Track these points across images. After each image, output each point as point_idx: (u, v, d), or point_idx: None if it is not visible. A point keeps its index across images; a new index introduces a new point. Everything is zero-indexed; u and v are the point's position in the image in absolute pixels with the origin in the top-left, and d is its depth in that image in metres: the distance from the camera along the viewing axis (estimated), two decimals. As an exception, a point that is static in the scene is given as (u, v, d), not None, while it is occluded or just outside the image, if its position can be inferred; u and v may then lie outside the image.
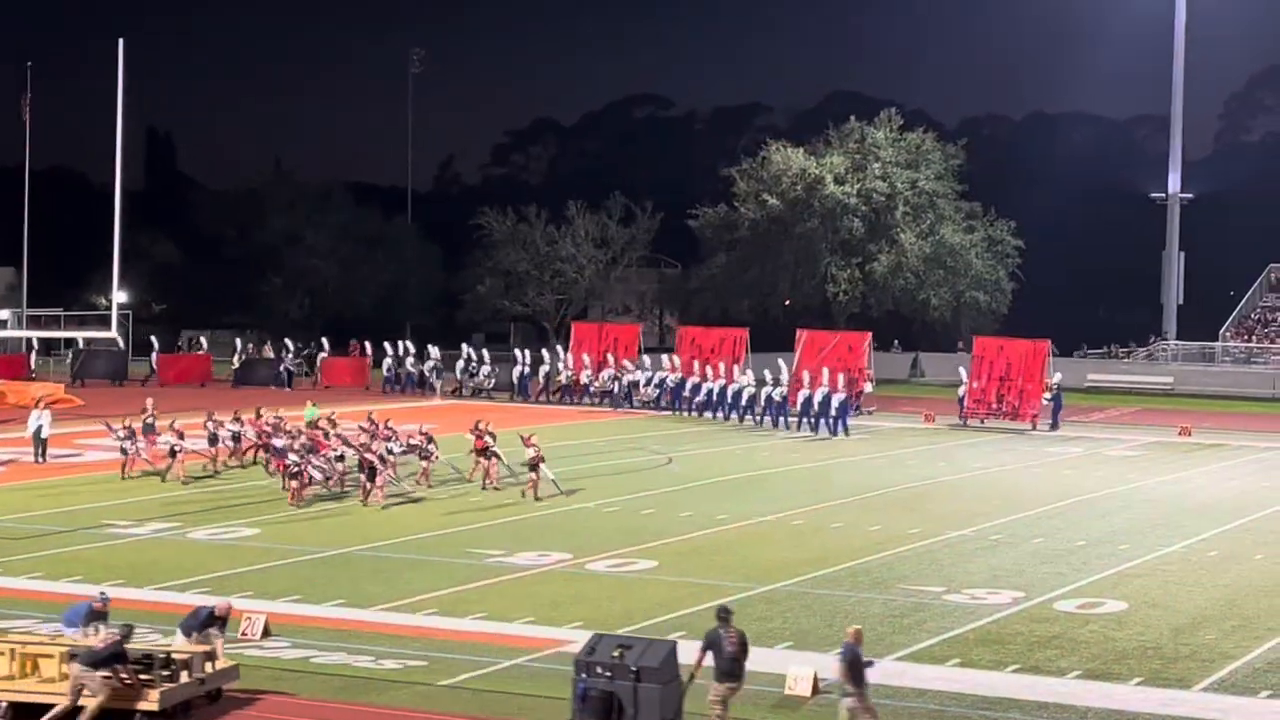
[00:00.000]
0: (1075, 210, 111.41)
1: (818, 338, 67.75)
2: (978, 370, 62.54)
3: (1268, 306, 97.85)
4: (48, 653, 21.03)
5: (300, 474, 38.04)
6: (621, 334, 72.05)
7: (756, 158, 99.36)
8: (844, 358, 65.12)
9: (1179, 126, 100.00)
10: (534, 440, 39.79)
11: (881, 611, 27.63)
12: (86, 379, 74.35)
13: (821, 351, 65.37)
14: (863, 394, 65.08)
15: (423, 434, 41.33)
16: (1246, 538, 36.41)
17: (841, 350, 65.92)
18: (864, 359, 66.38)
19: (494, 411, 55.03)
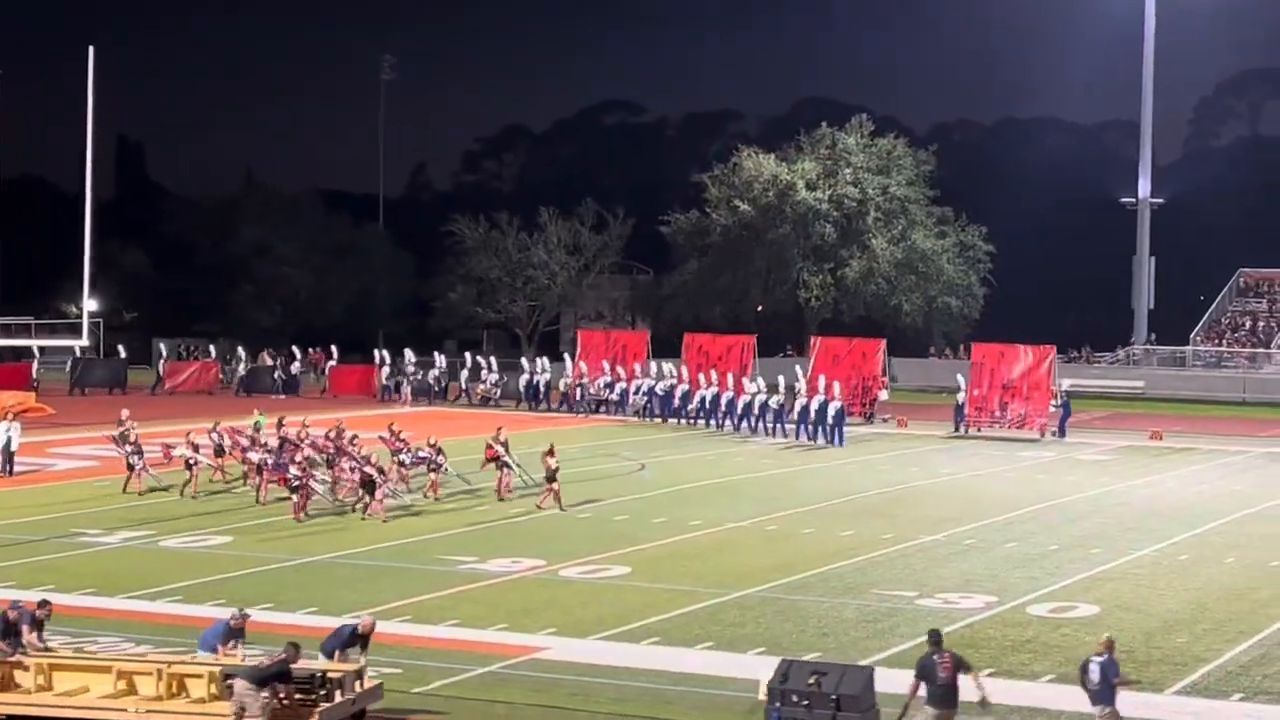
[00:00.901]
0: (1046, 215, 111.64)
1: (833, 344, 66.92)
2: (977, 378, 61.49)
3: (1237, 311, 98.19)
4: (196, 673, 20.51)
5: (301, 487, 37.08)
6: (630, 341, 71.06)
7: (728, 164, 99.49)
8: (858, 365, 64.67)
9: (1149, 132, 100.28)
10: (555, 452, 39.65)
11: (855, 617, 27.66)
12: (86, 387, 74.19)
13: (836, 359, 64.80)
14: (876, 401, 64.36)
15: (432, 445, 40.47)
16: (1217, 541, 36.53)
17: (856, 357, 65.23)
18: (878, 366, 65.69)
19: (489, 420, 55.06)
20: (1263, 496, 44.41)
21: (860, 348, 66.57)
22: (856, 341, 68.25)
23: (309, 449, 39.69)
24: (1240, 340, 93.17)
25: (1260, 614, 28.36)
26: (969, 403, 61.06)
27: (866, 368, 64.91)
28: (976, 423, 60.74)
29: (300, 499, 36.96)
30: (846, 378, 61.96)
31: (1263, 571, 32.60)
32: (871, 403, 63.88)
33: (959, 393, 61.60)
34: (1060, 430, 59.99)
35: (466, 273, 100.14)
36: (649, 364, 66.95)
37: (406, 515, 37.68)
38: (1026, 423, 60.07)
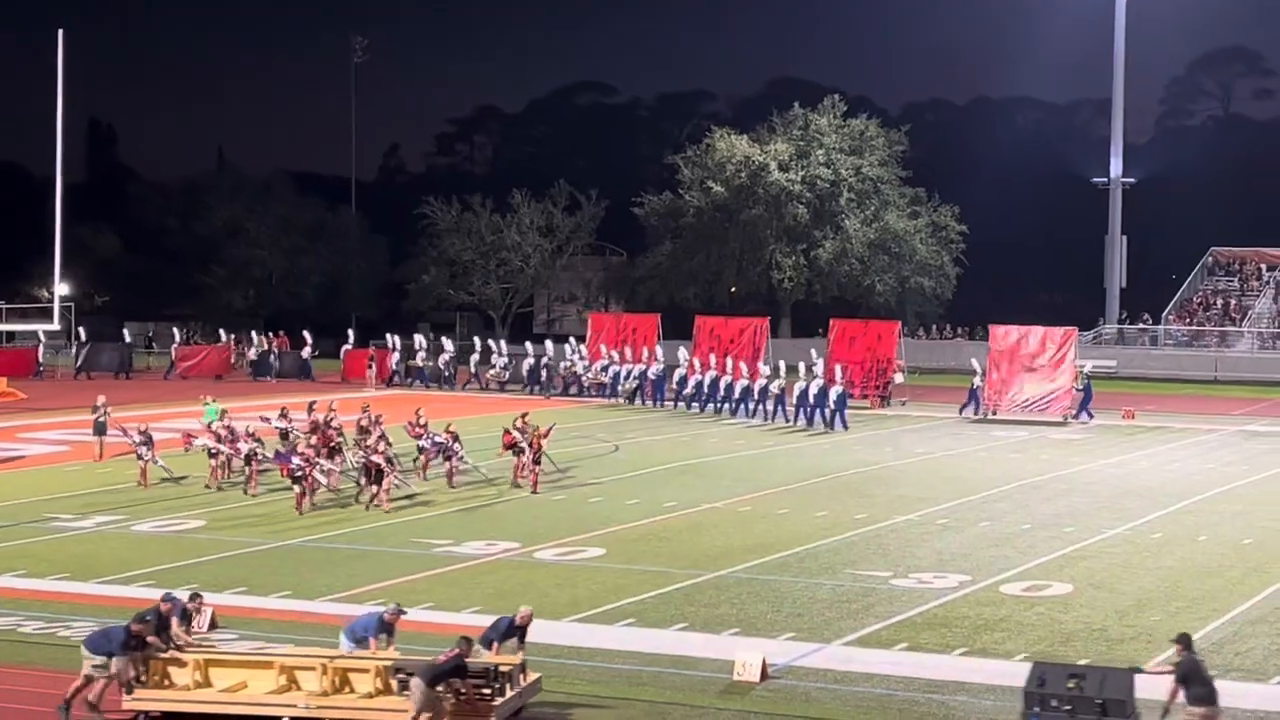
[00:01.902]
0: (1018, 195, 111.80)
1: (849, 327, 66.04)
2: (996, 361, 60.22)
3: (1209, 289, 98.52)
4: (361, 668, 20.16)
5: (303, 479, 35.60)
6: (640, 324, 69.78)
7: (701, 145, 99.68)
8: (873, 347, 63.84)
9: (1120, 111, 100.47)
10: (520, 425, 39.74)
11: (829, 597, 27.71)
12: (91, 372, 73.93)
13: (852, 340, 64.10)
14: (891, 384, 63.43)
15: (448, 432, 39.65)
16: (1190, 519, 36.66)
17: (871, 339, 64.26)
18: (893, 348, 64.46)
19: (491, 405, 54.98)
20: (1234, 475, 44.62)
21: (875, 329, 65.68)
22: (872, 323, 67.21)
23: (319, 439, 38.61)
24: (1212, 319, 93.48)
25: (1233, 592, 28.48)
26: (987, 386, 59.82)
27: (881, 350, 63.99)
28: (995, 406, 59.33)
29: (304, 490, 35.59)
30: (861, 360, 61.46)
31: (1235, 549, 32.74)
32: (885, 385, 62.91)
33: (975, 375, 60.48)
34: (1085, 413, 58.92)
35: (439, 255, 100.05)
36: (659, 348, 65.99)
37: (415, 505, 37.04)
38: (1049, 407, 58.90)
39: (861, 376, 62.06)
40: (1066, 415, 58.58)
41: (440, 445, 39.48)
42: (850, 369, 60.59)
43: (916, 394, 65.96)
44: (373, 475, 36.17)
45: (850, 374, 60.13)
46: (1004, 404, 59.43)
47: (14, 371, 70.56)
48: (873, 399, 62.29)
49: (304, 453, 35.97)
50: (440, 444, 39.47)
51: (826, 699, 21.56)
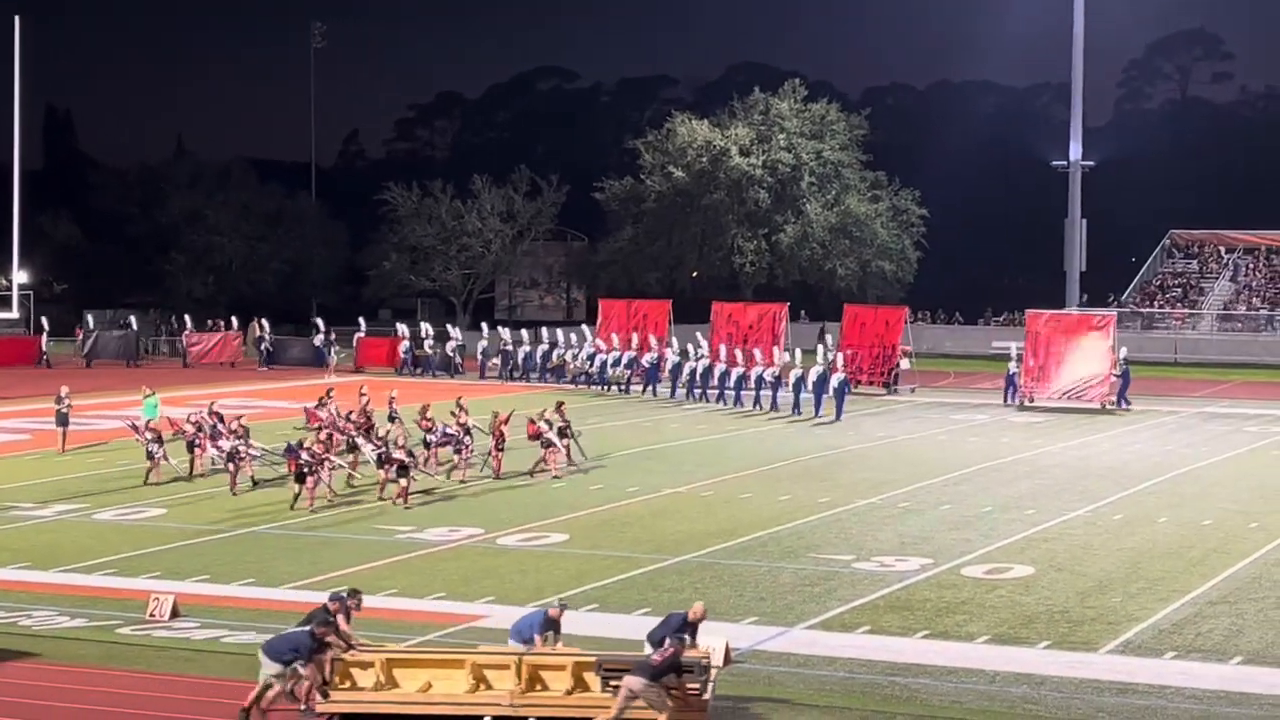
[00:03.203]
0: (979, 178, 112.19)
1: (861, 313, 65.27)
2: (1032, 347, 59.02)
3: (1168, 272, 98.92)
4: (554, 664, 19.74)
5: (311, 474, 34.21)
6: (651, 310, 68.27)
7: (662, 130, 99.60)
8: (881, 333, 62.92)
9: (1079, 94, 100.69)
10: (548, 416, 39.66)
11: (792, 581, 27.77)
12: (98, 360, 73.64)
13: (863, 327, 63.34)
14: (897, 369, 62.47)
15: (460, 425, 38.59)
16: (1150, 501, 36.85)
17: (880, 325, 63.36)
18: (900, 335, 63.23)
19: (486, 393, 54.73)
20: (1195, 456, 44.85)
21: (884, 315, 64.76)
22: (882, 309, 65.89)
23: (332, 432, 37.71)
24: (1171, 301, 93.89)
25: (1193, 573, 28.64)
26: (1023, 373, 58.62)
27: (889, 336, 62.92)
28: (1031, 393, 58.14)
29: (310, 486, 34.21)
30: (870, 346, 60.98)
31: (1195, 531, 32.91)
32: (889, 371, 62.00)
33: (1010, 362, 59.49)
34: (1123, 400, 57.57)
35: (400, 241, 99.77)
36: (670, 335, 64.86)
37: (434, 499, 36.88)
38: (1086, 393, 57.70)
39: (870, 363, 61.34)
40: (1105, 402, 57.31)
41: (450, 435, 38.51)
42: (859, 355, 60.18)
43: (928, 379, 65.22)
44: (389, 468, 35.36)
45: (860, 360, 59.71)
46: (1040, 391, 58.23)
47: (16, 360, 70.23)
48: (877, 384, 61.56)
49: (311, 448, 34.62)
50: (451, 434, 38.48)
51: (790, 682, 21.62)
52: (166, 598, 24.69)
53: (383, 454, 35.61)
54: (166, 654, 22.42)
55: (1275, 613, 25.68)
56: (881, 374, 62.17)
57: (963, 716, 20.15)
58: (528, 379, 65.87)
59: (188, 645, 23.05)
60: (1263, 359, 79.31)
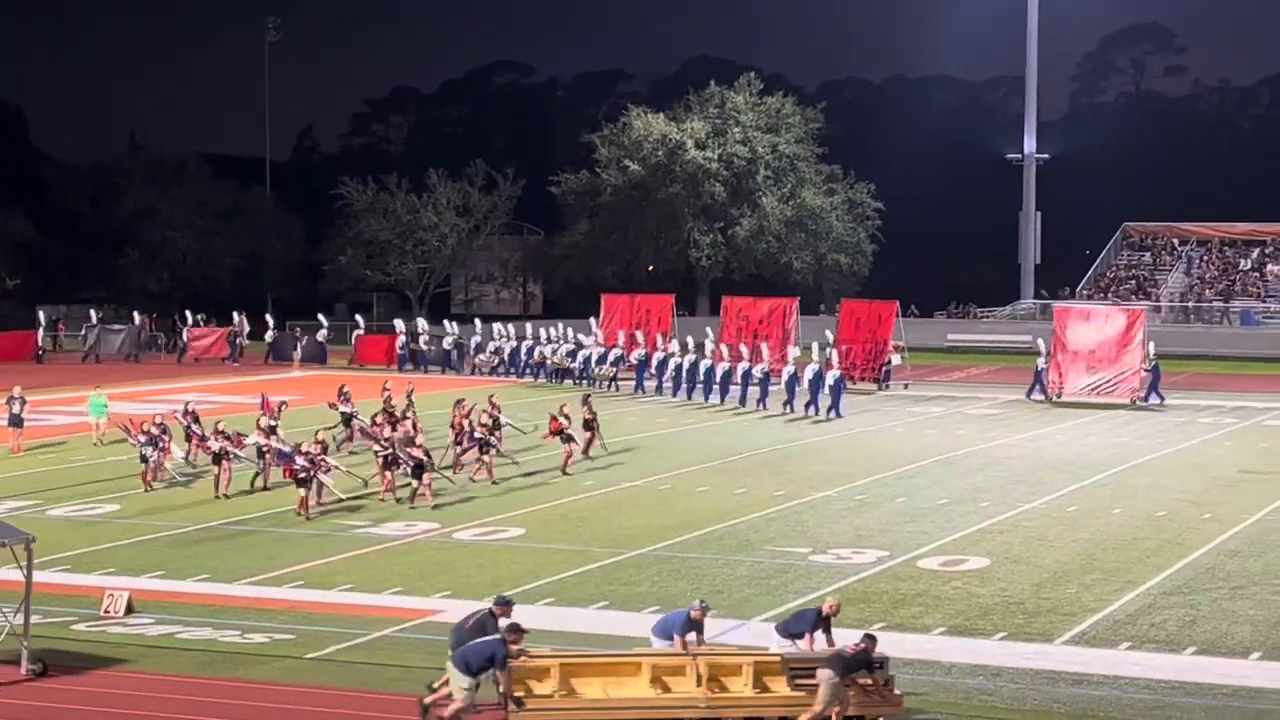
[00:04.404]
0: (934, 172, 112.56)
1: (856, 308, 64.15)
2: (1060, 342, 57.92)
3: (1122, 264, 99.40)
4: (731, 664, 19.64)
5: (307, 481, 33.08)
6: (653, 305, 67.16)
7: (618, 124, 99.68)
8: (874, 328, 62.00)
9: (1034, 88, 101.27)
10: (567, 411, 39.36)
11: (748, 574, 27.80)
12: (100, 356, 73.29)
13: (858, 322, 62.30)
14: (888, 365, 61.51)
15: (483, 425, 37.78)
16: (1104, 493, 37.00)
17: (873, 321, 62.29)
18: (891, 330, 62.24)
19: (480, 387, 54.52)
20: (1148, 448, 45.06)
21: (878, 310, 63.13)
22: (875, 304, 64.30)
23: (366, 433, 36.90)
24: (1125, 294, 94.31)
25: (1147, 564, 28.78)
26: (1051, 368, 57.54)
27: (881, 331, 61.99)
28: (1059, 389, 57.13)
29: (306, 493, 33.02)
30: (864, 342, 60.47)
31: (1149, 522, 33.07)
32: (880, 368, 61.11)
33: (1039, 357, 58.39)
34: (1156, 394, 56.40)
35: (356, 235, 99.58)
36: (673, 330, 63.64)
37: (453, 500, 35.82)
38: (1116, 389, 56.55)
39: (863, 359, 60.65)
40: (1135, 398, 56.19)
41: (478, 439, 37.60)
42: (854, 351, 59.62)
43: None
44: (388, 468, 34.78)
45: (854, 356, 59.10)
46: (1069, 386, 57.28)
47: (12, 356, 69.83)
48: (869, 380, 60.58)
49: (307, 452, 33.33)
50: (479, 439, 37.58)
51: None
52: (121, 594, 24.56)
53: (389, 456, 34.84)
54: (121, 649, 22.28)
55: (1229, 603, 25.83)
56: (873, 370, 61.21)
57: (919, 707, 20.19)
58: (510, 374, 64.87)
59: (142, 641, 22.93)
60: (1216, 350, 79.63)
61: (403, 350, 69.01)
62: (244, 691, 20.71)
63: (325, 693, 20.66)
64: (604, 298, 69.97)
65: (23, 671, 20.98)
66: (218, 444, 35.41)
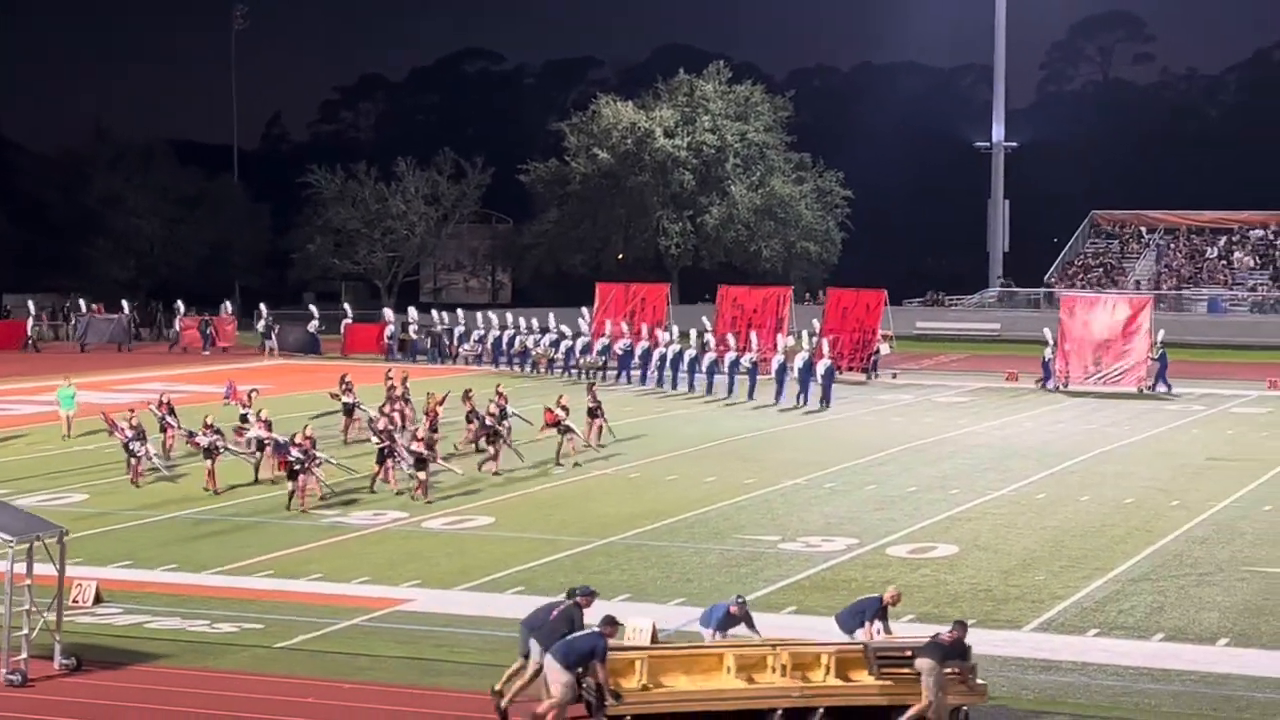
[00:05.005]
0: (903, 160, 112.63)
1: (843, 297, 63.45)
2: (1066, 331, 57.93)
3: (1090, 252, 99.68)
4: (811, 653, 19.54)
5: (303, 472, 32.44)
6: (649, 294, 66.56)
7: (587, 112, 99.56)
8: (862, 318, 61.52)
9: (1002, 76, 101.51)
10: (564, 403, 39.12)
11: (718, 562, 27.83)
12: (90, 345, 73.14)
13: (845, 311, 61.81)
14: (876, 354, 61.18)
15: (491, 415, 37.48)
16: (1072, 480, 37.13)
17: (861, 310, 61.83)
18: (878, 319, 61.81)
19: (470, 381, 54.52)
20: (1116, 435, 45.23)
21: (865, 299, 62.58)
22: (863, 293, 63.53)
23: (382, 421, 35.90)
24: (1093, 281, 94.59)
25: (1115, 551, 28.89)
26: (1058, 357, 57.60)
27: (869, 320, 61.50)
28: (1066, 378, 57.20)
29: (301, 485, 32.42)
30: (852, 331, 60.18)
31: (1117, 509, 33.19)
32: (868, 357, 60.71)
33: (1046, 347, 58.48)
34: (1163, 383, 56.46)
35: (324, 224, 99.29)
36: (669, 319, 62.80)
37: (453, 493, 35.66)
38: (1123, 378, 56.72)
39: (850, 349, 60.28)
40: (1142, 386, 56.46)
41: (488, 428, 37.43)
42: (841, 340, 59.19)
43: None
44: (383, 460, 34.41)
45: (841, 345, 58.69)
46: (1076, 375, 57.29)
47: (2, 345, 69.57)
48: (857, 370, 60.21)
49: (301, 444, 32.64)
50: (489, 426, 37.40)
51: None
52: (89, 584, 24.48)
53: (385, 448, 34.40)
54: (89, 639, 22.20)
55: (1196, 590, 25.94)
56: (861, 360, 60.81)
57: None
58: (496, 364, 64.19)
59: (110, 631, 22.86)
60: (1183, 338, 79.73)
61: (391, 340, 68.76)
62: (213, 681, 20.67)
63: (294, 682, 20.63)
64: (598, 286, 69.39)
65: (56, 666, 20.83)
66: (207, 438, 34.68)
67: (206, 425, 35.02)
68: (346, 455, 37.93)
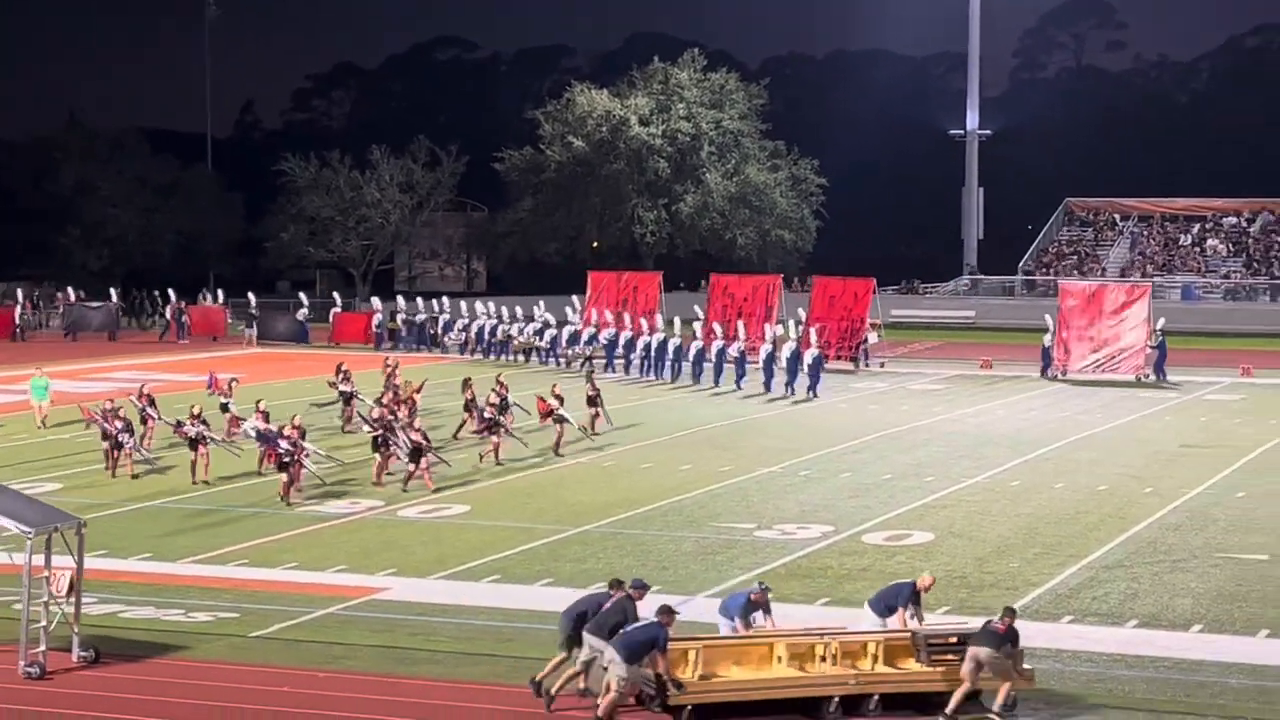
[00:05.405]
0: (877, 148, 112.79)
1: (829, 285, 62.99)
2: (1066, 319, 57.92)
3: (1064, 239, 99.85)
4: (857, 641, 19.72)
5: (291, 465, 32.10)
6: (641, 282, 66.04)
7: (561, 100, 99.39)
8: (850, 306, 61.01)
9: (976, 63, 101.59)
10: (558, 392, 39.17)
11: (694, 550, 27.85)
12: (79, 334, 73.03)
13: (833, 300, 61.36)
14: (864, 343, 60.68)
15: (491, 405, 37.25)
16: (1046, 467, 37.22)
17: (849, 298, 61.29)
18: (867, 308, 61.13)
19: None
20: (1090, 423, 45.34)
21: (853, 288, 62.00)
22: (850, 281, 62.92)
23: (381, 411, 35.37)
24: (1067, 269, 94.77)
25: (1089, 538, 28.98)
26: (1057, 345, 57.50)
27: (857, 309, 60.90)
28: (1064, 365, 57.06)
29: (290, 477, 32.06)
30: (839, 320, 59.85)
31: (1091, 496, 33.29)
32: (857, 346, 60.17)
33: (1045, 334, 58.39)
34: (1159, 372, 56.02)
35: (298, 212, 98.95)
36: (661, 308, 62.22)
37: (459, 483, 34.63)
38: (1121, 365, 56.58)
39: (838, 337, 59.90)
40: (1140, 374, 56.24)
41: (487, 420, 37.15)
42: (828, 329, 58.65)
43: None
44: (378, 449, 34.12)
45: (828, 334, 58.24)
46: (1074, 363, 57.18)
47: None
48: (845, 359, 59.79)
49: (289, 435, 32.35)
50: (488, 419, 37.14)
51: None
52: (63, 573, 24.36)
53: (378, 438, 34.13)
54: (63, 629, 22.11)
55: (1170, 576, 26.04)
56: (849, 349, 60.39)
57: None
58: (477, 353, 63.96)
59: (85, 620, 22.76)
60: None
61: (379, 329, 68.51)
62: (189, 670, 20.65)
63: (270, 671, 20.61)
64: (590, 275, 68.75)
65: (74, 659, 20.78)
66: (194, 429, 34.31)
67: (194, 416, 34.71)
68: (345, 445, 37.96)
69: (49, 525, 20.81)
